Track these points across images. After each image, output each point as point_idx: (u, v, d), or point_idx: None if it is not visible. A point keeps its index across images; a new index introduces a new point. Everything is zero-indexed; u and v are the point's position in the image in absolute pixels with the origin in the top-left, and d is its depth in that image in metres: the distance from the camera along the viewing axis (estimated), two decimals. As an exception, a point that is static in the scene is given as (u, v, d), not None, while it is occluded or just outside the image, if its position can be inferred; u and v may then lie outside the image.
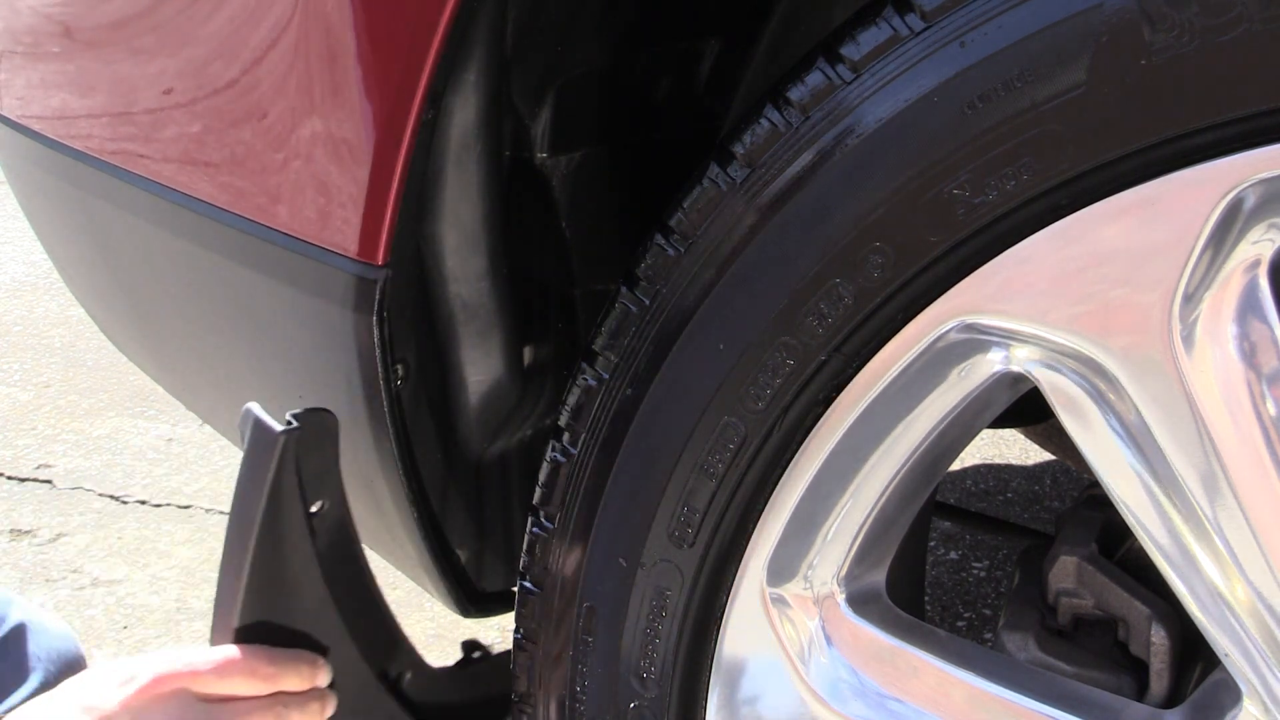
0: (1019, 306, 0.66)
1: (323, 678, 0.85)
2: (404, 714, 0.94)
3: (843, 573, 0.78)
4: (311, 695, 0.84)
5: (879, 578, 0.81)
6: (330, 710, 0.86)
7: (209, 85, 0.84)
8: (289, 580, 0.84)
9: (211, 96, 0.84)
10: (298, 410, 0.81)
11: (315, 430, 0.82)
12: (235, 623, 0.83)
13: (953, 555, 2.04)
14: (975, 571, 2.00)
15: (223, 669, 0.79)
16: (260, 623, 0.83)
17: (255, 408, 0.82)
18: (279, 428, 0.80)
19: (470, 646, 1.01)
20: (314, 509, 0.84)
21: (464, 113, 0.76)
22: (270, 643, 0.83)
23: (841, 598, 0.79)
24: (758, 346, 0.73)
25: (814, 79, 0.70)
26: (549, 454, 0.84)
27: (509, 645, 0.91)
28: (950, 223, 0.66)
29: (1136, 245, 0.62)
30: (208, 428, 2.51)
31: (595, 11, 0.84)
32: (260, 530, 0.80)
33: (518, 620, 0.89)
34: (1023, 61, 0.62)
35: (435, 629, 1.87)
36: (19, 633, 0.97)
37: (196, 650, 0.80)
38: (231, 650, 0.80)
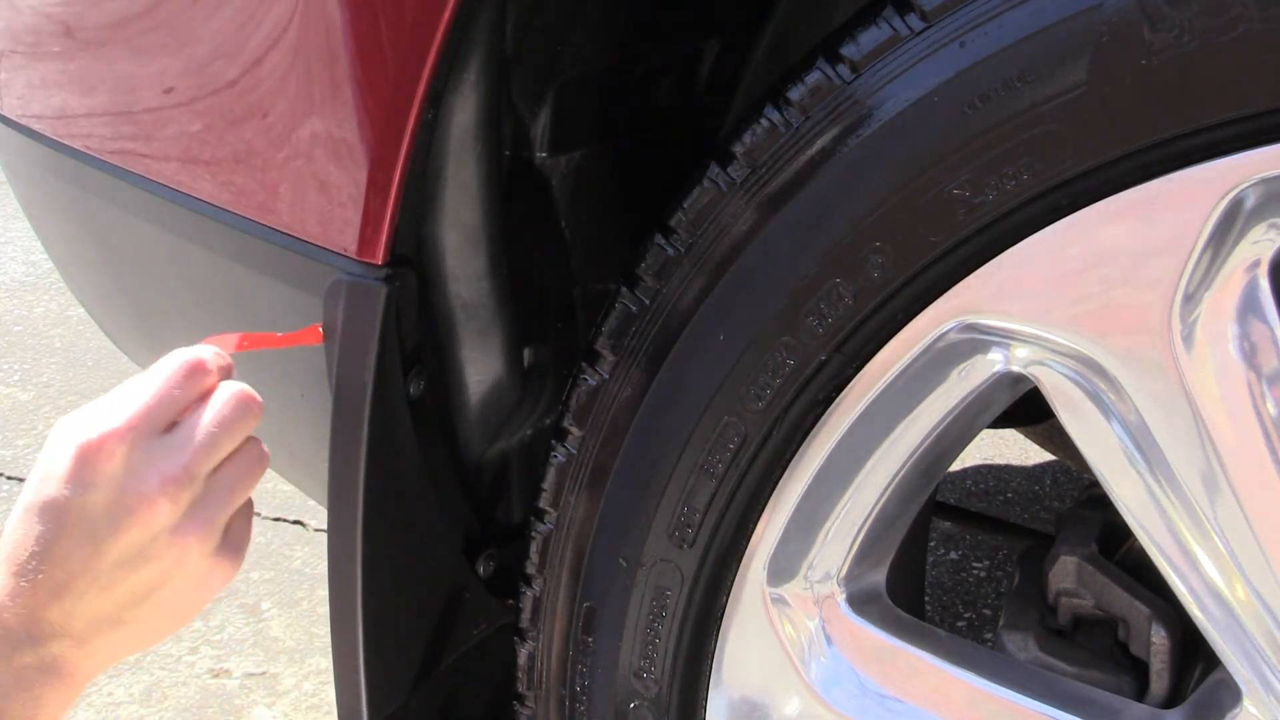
0: (1019, 306, 0.66)
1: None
2: (482, 589, 0.93)
3: (843, 573, 0.78)
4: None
5: (879, 578, 0.82)
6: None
7: (209, 85, 0.84)
8: (394, 459, 0.79)
9: (212, 96, 0.84)
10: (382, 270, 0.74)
11: (408, 289, 0.75)
12: (360, 515, 0.77)
13: (953, 555, 2.04)
14: (975, 571, 2.00)
15: (159, 397, 0.71)
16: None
17: (342, 277, 0.75)
18: (378, 284, 0.73)
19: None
20: (411, 391, 0.78)
21: (464, 113, 0.77)
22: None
23: (841, 598, 0.79)
24: (758, 346, 0.73)
25: (814, 79, 0.70)
26: (549, 454, 0.84)
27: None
28: (950, 223, 0.66)
29: (1136, 245, 0.62)
30: (208, 428, 2.51)
31: (595, 12, 0.84)
32: (371, 410, 0.74)
33: (517, 620, 0.89)
34: (1023, 61, 0.62)
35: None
36: None
37: (118, 393, 0.71)
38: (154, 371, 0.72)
